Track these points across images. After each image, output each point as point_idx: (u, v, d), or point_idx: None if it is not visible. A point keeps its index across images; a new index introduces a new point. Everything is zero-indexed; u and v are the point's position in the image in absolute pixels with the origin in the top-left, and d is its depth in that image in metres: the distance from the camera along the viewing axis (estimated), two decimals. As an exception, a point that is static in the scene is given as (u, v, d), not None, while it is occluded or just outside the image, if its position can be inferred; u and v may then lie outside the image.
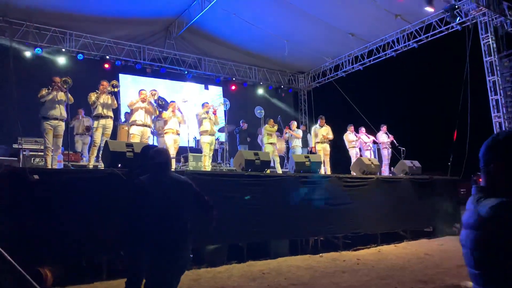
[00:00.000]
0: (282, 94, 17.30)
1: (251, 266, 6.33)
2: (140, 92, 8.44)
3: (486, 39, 10.99)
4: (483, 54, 11.07)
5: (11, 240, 4.75)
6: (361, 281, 5.44)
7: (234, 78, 15.65)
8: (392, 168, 11.38)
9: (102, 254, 5.42)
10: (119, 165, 5.84)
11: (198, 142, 10.85)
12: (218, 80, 15.33)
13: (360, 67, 15.06)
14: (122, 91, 11.39)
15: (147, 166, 3.17)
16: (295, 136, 11.43)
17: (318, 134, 10.95)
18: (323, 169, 10.54)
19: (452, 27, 11.85)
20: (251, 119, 12.87)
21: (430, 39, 12.67)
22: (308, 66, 17.12)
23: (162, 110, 9.17)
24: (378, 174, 9.73)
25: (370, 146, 11.71)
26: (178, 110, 8.92)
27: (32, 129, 8.52)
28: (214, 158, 10.66)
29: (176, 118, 8.80)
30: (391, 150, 11.85)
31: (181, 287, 4.91)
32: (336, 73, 16.09)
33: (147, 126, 8.26)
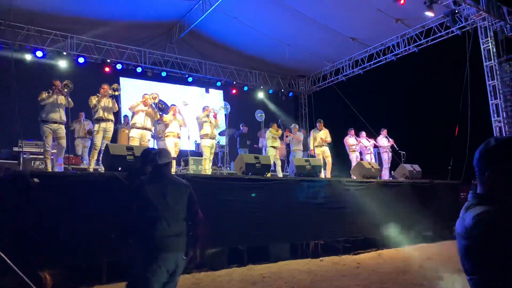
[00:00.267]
0: (282, 98, 17.33)
1: (252, 270, 6.32)
2: (143, 96, 8.46)
3: (486, 44, 11.02)
4: (483, 59, 11.10)
5: (11, 243, 4.75)
6: (361, 285, 5.43)
7: (234, 82, 15.67)
8: (392, 172, 11.38)
9: (102, 258, 5.41)
10: (120, 168, 5.84)
11: (198, 146, 10.86)
12: (219, 83, 15.35)
13: (360, 71, 15.08)
14: (123, 95, 11.40)
15: (148, 166, 3.19)
16: (296, 139, 11.42)
17: (316, 137, 10.93)
18: (323, 172, 10.54)
19: (452, 32, 11.89)
20: (252, 123, 12.89)
21: (430, 44, 12.70)
22: (308, 70, 17.15)
23: (162, 113, 9.18)
24: (379, 178, 9.73)
25: (370, 150, 11.70)
26: (179, 113, 8.93)
27: (32, 132, 8.53)
28: (215, 161, 10.67)
29: (177, 121, 8.81)
30: (392, 154, 11.85)
31: (181, 291, 4.91)
32: (336, 77, 16.12)
33: (147, 129, 8.24)
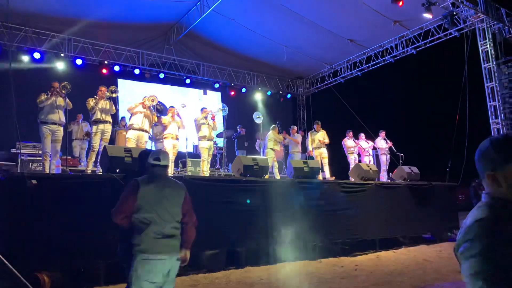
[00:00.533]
0: (280, 100, 17.34)
1: (249, 272, 6.31)
2: (143, 98, 8.44)
3: (484, 46, 11.05)
4: (481, 61, 11.13)
5: (9, 245, 4.73)
6: (359, 286, 5.42)
7: (232, 84, 15.67)
8: (390, 174, 11.38)
9: (100, 260, 5.39)
10: (118, 170, 5.83)
11: (196, 148, 10.85)
12: (217, 85, 15.35)
13: (358, 73, 15.10)
14: (121, 96, 11.38)
15: (146, 166, 3.17)
16: (294, 141, 11.40)
17: (314, 139, 10.91)
18: (321, 174, 10.53)
19: (450, 34, 11.92)
20: (250, 125, 12.88)
21: (428, 45, 12.72)
22: (306, 72, 17.16)
23: (160, 115, 9.16)
24: (377, 180, 9.72)
25: (369, 152, 11.70)
26: (177, 115, 8.92)
27: (30, 134, 8.51)
28: (212, 163, 10.65)
29: (175, 123, 8.79)
30: (390, 156, 11.86)
31: (178, 293, 4.90)
32: (334, 79, 16.13)
33: (144, 131, 8.21)
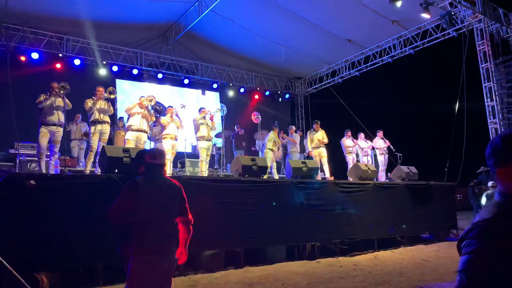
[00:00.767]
0: (279, 100, 17.35)
1: (248, 272, 6.32)
2: (140, 98, 8.45)
3: (482, 46, 11.08)
4: (479, 61, 11.15)
5: (8, 245, 4.72)
6: (358, 286, 5.43)
7: (231, 84, 15.68)
8: (388, 174, 11.39)
9: (99, 260, 5.39)
10: (116, 170, 5.83)
11: (195, 148, 10.86)
12: (216, 85, 15.35)
13: (356, 73, 15.13)
14: (119, 97, 11.39)
15: (143, 166, 3.16)
16: (292, 141, 11.42)
17: (313, 139, 10.87)
18: (320, 174, 10.53)
19: (448, 34, 11.95)
20: (248, 125, 12.89)
21: (426, 45, 12.75)
22: (305, 72, 17.18)
23: (159, 115, 9.16)
24: (375, 180, 9.74)
25: (367, 151, 11.71)
26: (176, 116, 8.92)
27: (28, 134, 8.51)
28: (211, 163, 10.65)
29: (174, 123, 8.79)
30: (388, 156, 11.87)
31: (177, 293, 4.90)
32: (333, 78, 16.15)
33: (143, 131, 8.23)
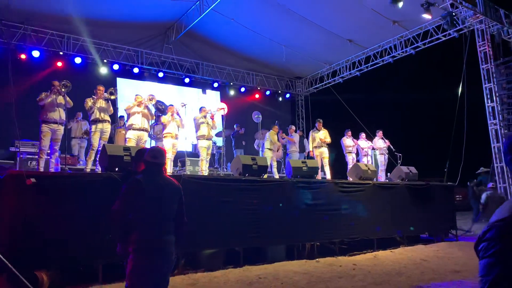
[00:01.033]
0: (279, 99, 17.36)
1: (248, 271, 6.33)
2: (136, 97, 8.48)
3: (483, 46, 11.07)
4: (480, 61, 11.15)
5: (8, 243, 4.74)
6: (357, 286, 5.45)
7: (231, 83, 15.68)
8: (388, 174, 11.41)
9: (99, 258, 5.40)
10: (116, 169, 5.84)
11: (195, 147, 10.87)
12: (217, 84, 15.36)
13: (357, 73, 15.13)
14: (120, 95, 11.39)
15: (143, 164, 3.17)
16: (291, 141, 11.44)
17: (315, 138, 10.74)
18: (321, 173, 10.54)
19: (449, 34, 11.94)
20: (249, 124, 12.90)
21: (427, 46, 12.75)
22: (305, 72, 17.18)
23: (161, 114, 9.18)
24: (375, 179, 9.75)
25: (367, 151, 11.70)
26: (177, 114, 8.94)
27: (29, 132, 8.51)
28: (211, 162, 10.67)
29: (175, 122, 8.81)
30: (388, 156, 11.88)
31: (177, 292, 4.92)
32: (333, 78, 16.15)
33: (144, 130, 8.26)
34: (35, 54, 11.62)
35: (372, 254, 8.04)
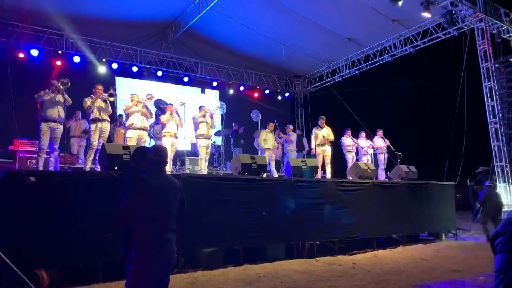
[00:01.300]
0: (278, 98, 17.35)
1: (247, 270, 6.32)
2: (131, 96, 8.45)
3: (483, 45, 11.06)
4: (480, 60, 11.14)
5: (8, 242, 4.73)
6: (356, 285, 5.44)
7: (230, 82, 15.66)
8: (388, 173, 11.40)
9: (98, 257, 5.40)
10: (116, 167, 5.83)
11: (194, 146, 10.85)
12: (216, 83, 15.34)
13: (357, 72, 15.11)
14: (118, 94, 11.34)
15: (146, 163, 3.14)
16: (288, 139, 11.45)
17: (318, 136, 10.60)
18: (321, 172, 10.52)
19: (449, 33, 11.92)
20: (248, 123, 12.88)
21: (427, 45, 12.74)
22: (305, 71, 17.17)
23: (162, 113, 9.17)
24: (374, 179, 9.75)
25: (367, 151, 11.69)
26: (176, 113, 8.93)
27: (28, 131, 8.49)
28: (210, 161, 10.65)
29: (174, 121, 8.80)
30: (387, 155, 11.87)
31: (177, 291, 4.91)
32: (332, 77, 16.14)
33: (144, 129, 8.26)
34: (34, 53, 11.59)
35: (371, 253, 8.04)
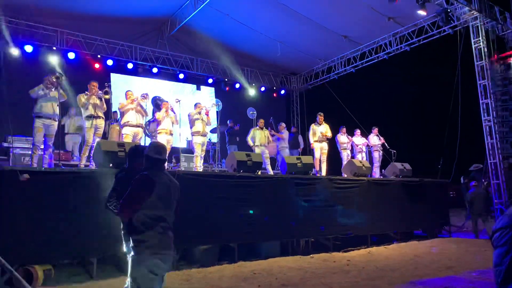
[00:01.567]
0: (274, 95, 17.34)
1: (242, 267, 6.34)
2: (126, 93, 8.43)
3: (478, 43, 11.09)
4: (474, 58, 11.17)
5: (1, 239, 4.71)
6: (351, 282, 5.47)
7: (226, 79, 15.63)
8: (383, 170, 11.45)
9: (93, 254, 5.39)
10: (111, 165, 5.82)
11: (189, 143, 10.83)
12: (211, 80, 15.30)
13: (352, 70, 15.11)
14: (113, 91, 11.28)
15: (147, 160, 3.10)
16: (280, 137, 11.47)
17: (316, 132, 10.60)
18: (314, 170, 10.53)
19: (444, 31, 11.95)
20: (244, 120, 12.87)
21: (422, 42, 12.76)
22: (300, 68, 17.15)
23: (158, 110, 9.17)
24: (369, 176, 9.78)
25: (362, 148, 11.72)
26: (171, 110, 8.92)
27: (22, 128, 8.44)
28: (206, 158, 10.64)
29: (169, 118, 8.79)
30: (382, 152, 11.91)
31: (171, 287, 4.91)
32: (328, 75, 16.13)
33: (140, 127, 8.26)
34: (28, 49, 11.49)
35: (366, 250, 8.08)
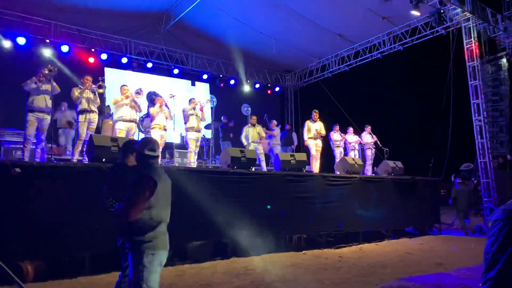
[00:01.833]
0: (268, 92, 17.36)
1: (235, 263, 6.38)
2: (122, 87, 8.39)
3: (470, 44, 11.20)
4: (466, 59, 11.28)
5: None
6: (342, 278, 5.53)
7: (221, 75, 15.60)
8: (375, 168, 11.53)
9: (86, 249, 5.38)
10: (104, 159, 5.81)
11: (183, 138, 10.82)
12: (206, 76, 15.27)
13: (346, 68, 15.18)
14: (107, 85, 11.23)
15: (140, 157, 3.07)
16: (271, 134, 11.51)
17: (311, 129, 10.62)
18: (309, 167, 10.58)
19: (437, 31, 12.04)
20: (238, 117, 12.88)
21: (415, 42, 12.85)
22: (295, 65, 17.17)
23: (152, 106, 9.14)
24: (362, 173, 9.85)
25: (355, 146, 11.80)
26: (165, 106, 8.89)
27: (14, 121, 8.38)
28: (200, 154, 10.64)
29: (163, 113, 8.76)
30: (375, 150, 12.00)
31: (164, 283, 4.93)
32: (322, 73, 16.19)
33: (134, 122, 8.23)
34: (21, 41, 11.36)
35: (357, 247, 8.16)
